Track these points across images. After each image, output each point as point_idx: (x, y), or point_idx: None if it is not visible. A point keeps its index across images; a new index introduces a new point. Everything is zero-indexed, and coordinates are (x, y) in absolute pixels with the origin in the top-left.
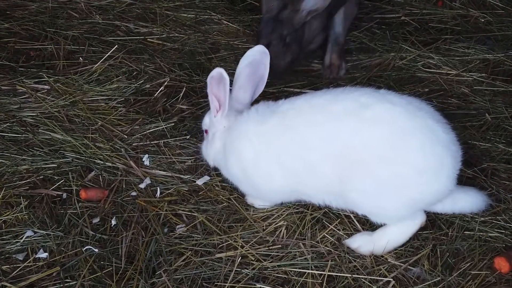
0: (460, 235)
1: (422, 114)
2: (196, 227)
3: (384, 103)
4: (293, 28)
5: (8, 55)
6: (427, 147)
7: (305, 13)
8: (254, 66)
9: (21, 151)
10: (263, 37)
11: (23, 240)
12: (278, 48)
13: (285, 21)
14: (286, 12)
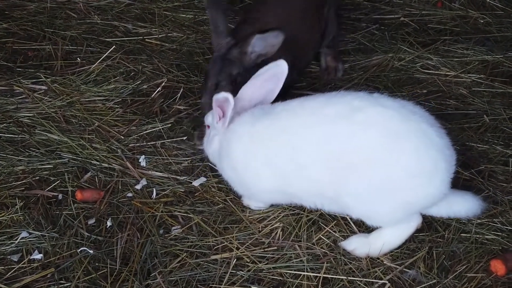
0: (457, 238)
1: (416, 117)
2: (191, 229)
3: (377, 106)
4: (245, 68)
5: (6, 55)
6: (421, 151)
7: (254, 56)
8: (267, 78)
9: (18, 152)
10: (211, 76)
11: (18, 241)
12: (227, 89)
13: (234, 61)
14: (235, 52)
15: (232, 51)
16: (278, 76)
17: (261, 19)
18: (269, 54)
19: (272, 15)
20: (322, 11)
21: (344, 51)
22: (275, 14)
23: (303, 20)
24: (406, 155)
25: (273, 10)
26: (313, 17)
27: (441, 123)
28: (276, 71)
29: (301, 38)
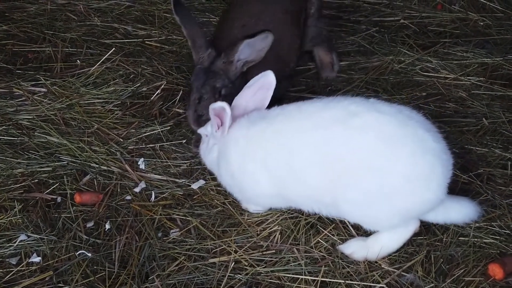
0: (455, 241)
1: (412, 123)
2: (190, 232)
3: (373, 112)
4: (229, 80)
5: (6, 58)
6: (417, 156)
7: (240, 64)
8: (256, 89)
9: (17, 155)
10: (194, 90)
11: (16, 244)
12: (210, 102)
13: (219, 73)
14: (219, 63)
15: (216, 63)
16: (266, 86)
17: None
18: (256, 60)
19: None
20: (299, 17)
21: (344, 53)
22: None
23: (282, 29)
24: (402, 160)
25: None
26: (290, 25)
27: (440, 126)
28: (264, 81)
29: (281, 48)
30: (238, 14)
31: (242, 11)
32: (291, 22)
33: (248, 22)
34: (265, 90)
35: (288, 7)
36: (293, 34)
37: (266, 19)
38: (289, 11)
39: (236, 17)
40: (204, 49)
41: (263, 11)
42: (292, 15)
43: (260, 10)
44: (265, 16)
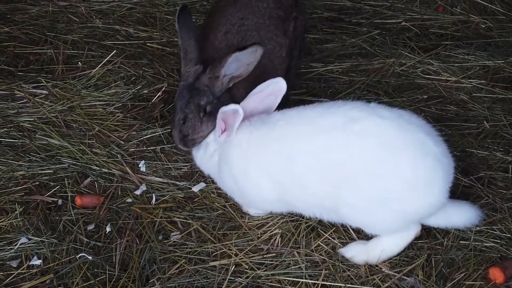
0: (455, 245)
1: (412, 127)
2: (190, 235)
3: (374, 117)
4: (214, 96)
5: (8, 59)
6: (418, 161)
7: (226, 79)
8: (264, 95)
9: (18, 157)
10: (178, 110)
11: (17, 247)
12: (195, 121)
13: (203, 90)
14: (204, 79)
15: (200, 79)
16: (276, 93)
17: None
18: (243, 75)
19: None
20: (285, 25)
21: (346, 55)
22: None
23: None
24: (403, 165)
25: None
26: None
27: (441, 129)
28: (274, 88)
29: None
30: (220, 20)
31: (224, 17)
32: (275, 28)
33: (230, 29)
34: (274, 97)
35: (272, 13)
36: (277, 41)
37: (249, 24)
38: (274, 16)
39: (218, 23)
40: (193, 64)
41: (245, 17)
42: (276, 21)
43: (242, 15)
44: (248, 21)
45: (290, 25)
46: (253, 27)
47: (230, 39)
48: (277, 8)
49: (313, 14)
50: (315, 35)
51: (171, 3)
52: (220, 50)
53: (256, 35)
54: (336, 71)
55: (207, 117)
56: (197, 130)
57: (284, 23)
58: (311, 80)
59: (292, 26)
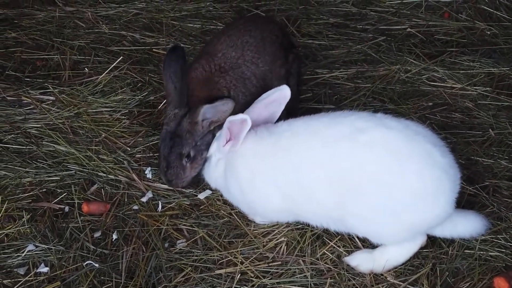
0: (460, 254)
1: (419, 138)
2: (196, 242)
3: (381, 127)
4: (195, 141)
5: (15, 65)
6: (425, 172)
7: (206, 123)
8: (269, 102)
9: (25, 163)
10: (162, 158)
11: (24, 254)
12: (178, 170)
13: (184, 136)
14: (185, 124)
15: (182, 124)
16: (280, 101)
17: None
18: (222, 120)
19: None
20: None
21: (351, 61)
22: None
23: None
24: (410, 176)
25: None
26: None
27: (447, 137)
28: (278, 96)
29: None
30: (226, 30)
31: (234, 27)
32: (279, 47)
33: (236, 32)
34: (278, 104)
35: (278, 37)
36: (279, 57)
37: (256, 36)
38: (278, 41)
39: (223, 33)
40: (172, 107)
41: (254, 29)
42: (280, 46)
43: (250, 27)
44: (255, 33)
45: (290, 55)
46: (259, 36)
47: (233, 40)
48: (282, 35)
49: (319, 20)
50: (321, 41)
51: (177, 8)
52: (219, 52)
53: (260, 43)
54: (341, 78)
55: (190, 162)
56: (180, 177)
57: (285, 50)
58: (316, 87)
59: (291, 57)
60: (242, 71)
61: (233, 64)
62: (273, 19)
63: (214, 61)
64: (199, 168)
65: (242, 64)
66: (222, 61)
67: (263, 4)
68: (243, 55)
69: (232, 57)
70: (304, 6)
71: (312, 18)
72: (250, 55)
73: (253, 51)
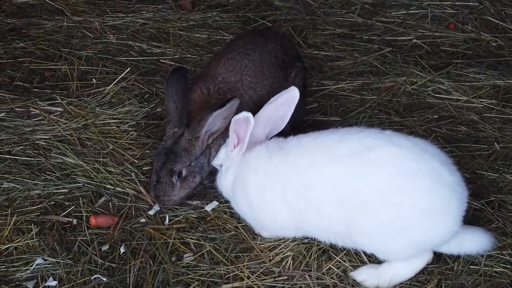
0: (466, 270)
1: (427, 156)
2: (203, 256)
3: (389, 145)
4: (190, 160)
5: (23, 75)
6: (433, 190)
7: (206, 136)
8: (278, 105)
9: (34, 176)
10: (153, 172)
11: (33, 267)
12: (166, 186)
13: (180, 154)
14: (183, 142)
15: (179, 142)
16: (289, 103)
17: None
18: (221, 130)
19: None
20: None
21: (357, 73)
22: None
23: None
24: (418, 194)
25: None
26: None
27: (452, 150)
28: (287, 97)
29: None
30: (228, 48)
31: (231, 46)
32: (278, 67)
33: (235, 55)
34: (287, 106)
35: (278, 55)
36: (278, 79)
37: (255, 56)
38: (279, 58)
39: (226, 50)
40: (172, 126)
41: (253, 48)
42: (281, 64)
43: (251, 47)
44: (254, 53)
45: (292, 72)
46: (258, 59)
47: (233, 64)
48: (283, 53)
49: (325, 30)
50: (327, 52)
51: (184, 18)
52: (219, 75)
53: (259, 67)
54: (347, 89)
55: (181, 181)
56: (168, 194)
57: (287, 69)
58: (322, 98)
59: (294, 73)
60: (240, 94)
61: (232, 87)
62: (275, 34)
63: (213, 84)
64: (188, 190)
65: (240, 88)
66: (221, 84)
67: (270, 14)
68: (241, 80)
69: (231, 81)
70: (310, 16)
71: (318, 28)
72: (249, 80)
73: (251, 76)
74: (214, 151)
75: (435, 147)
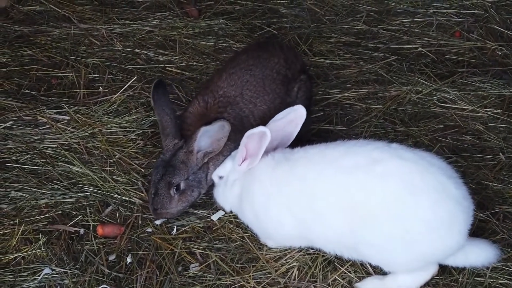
0: (471, 282)
1: (434, 170)
2: (209, 266)
3: (396, 158)
4: (188, 174)
5: (30, 83)
6: (439, 204)
7: (201, 155)
8: (285, 122)
9: (41, 185)
10: (152, 184)
11: (41, 277)
12: (164, 198)
13: (178, 167)
14: (181, 154)
15: (177, 155)
16: (296, 122)
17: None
18: (216, 151)
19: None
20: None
21: (362, 81)
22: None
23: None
24: (424, 207)
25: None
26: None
27: (457, 160)
28: (294, 116)
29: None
30: (230, 63)
31: (235, 61)
32: (280, 83)
33: (237, 71)
34: (295, 125)
35: (281, 70)
36: (279, 95)
37: (256, 71)
38: (281, 73)
39: (228, 65)
40: (171, 138)
41: (255, 64)
42: (283, 79)
43: (253, 62)
44: (256, 69)
45: (294, 86)
46: (259, 75)
47: (234, 79)
48: (286, 68)
49: (331, 38)
50: (332, 60)
51: (190, 26)
52: (220, 89)
53: (260, 83)
54: (352, 98)
55: (179, 194)
56: (165, 206)
57: (289, 83)
58: (328, 107)
59: (296, 87)
60: (240, 108)
61: (232, 101)
62: (279, 48)
63: (214, 98)
64: (186, 204)
65: (240, 101)
66: (222, 98)
67: (275, 22)
68: (242, 94)
69: (232, 95)
70: (316, 24)
71: (324, 36)
72: (249, 94)
73: (252, 91)
74: (213, 165)
75: (441, 160)
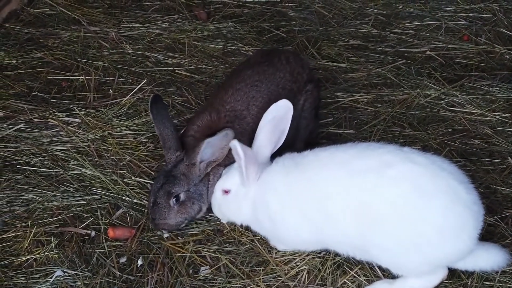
0: (480, 286)
1: (445, 174)
2: (219, 269)
3: (407, 162)
4: (188, 185)
5: (41, 86)
6: (449, 208)
7: (203, 165)
8: (276, 121)
9: (52, 187)
10: (151, 192)
11: (53, 279)
12: (162, 208)
13: (179, 178)
14: (182, 167)
15: (178, 166)
16: (286, 116)
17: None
18: (219, 160)
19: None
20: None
21: (371, 85)
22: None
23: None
24: (434, 212)
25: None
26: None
27: (466, 164)
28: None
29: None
30: (236, 78)
31: (240, 76)
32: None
33: (243, 86)
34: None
35: (286, 84)
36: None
37: (262, 87)
38: (287, 88)
39: (233, 80)
40: (173, 151)
41: (260, 80)
42: (288, 93)
43: (258, 78)
44: (262, 84)
45: (300, 99)
46: (265, 90)
47: (240, 95)
48: (292, 81)
49: (339, 41)
50: (341, 64)
51: (199, 29)
52: (226, 104)
53: (265, 98)
54: (361, 101)
55: (178, 205)
56: (164, 216)
57: (295, 97)
58: (336, 110)
59: (302, 99)
60: (247, 122)
61: (239, 114)
62: (285, 60)
63: (221, 112)
64: (186, 216)
65: (247, 116)
66: (229, 112)
67: (284, 25)
68: (248, 109)
69: (238, 109)
70: (324, 27)
71: (332, 39)
72: (256, 110)
73: (258, 106)
74: (213, 177)
75: (452, 165)
